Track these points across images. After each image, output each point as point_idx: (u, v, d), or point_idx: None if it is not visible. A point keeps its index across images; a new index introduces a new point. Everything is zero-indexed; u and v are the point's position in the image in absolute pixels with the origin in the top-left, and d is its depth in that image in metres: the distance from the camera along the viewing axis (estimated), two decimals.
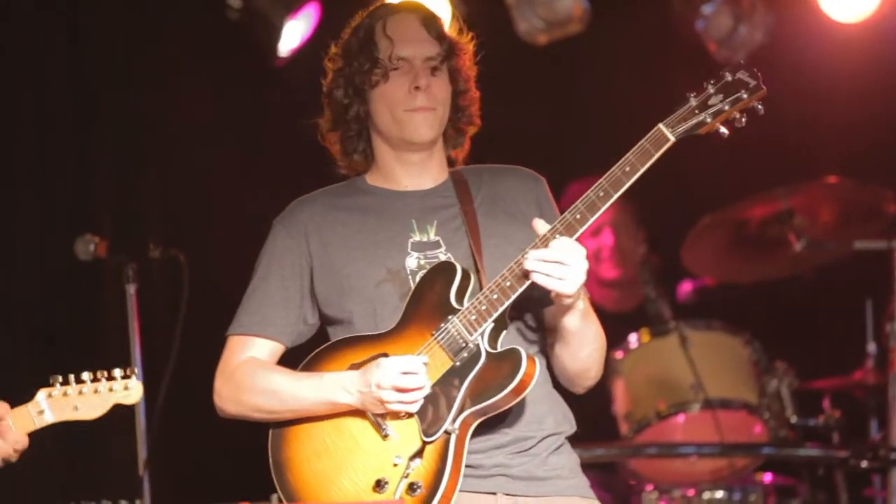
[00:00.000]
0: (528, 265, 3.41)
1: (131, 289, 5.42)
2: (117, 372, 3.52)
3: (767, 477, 6.58)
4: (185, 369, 5.20)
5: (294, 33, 6.45)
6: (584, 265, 3.40)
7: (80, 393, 3.50)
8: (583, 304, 3.51)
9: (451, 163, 3.84)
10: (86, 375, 3.51)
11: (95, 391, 3.50)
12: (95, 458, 6.20)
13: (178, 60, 6.59)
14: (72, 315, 6.36)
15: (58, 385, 3.49)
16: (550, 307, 3.58)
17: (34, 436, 3.60)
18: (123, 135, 6.60)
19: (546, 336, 3.68)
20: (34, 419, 3.50)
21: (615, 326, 6.78)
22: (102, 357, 5.54)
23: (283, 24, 6.49)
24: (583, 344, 3.58)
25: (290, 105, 6.22)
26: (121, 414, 5.43)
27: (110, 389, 3.51)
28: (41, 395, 3.50)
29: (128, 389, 3.52)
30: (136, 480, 5.22)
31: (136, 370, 3.58)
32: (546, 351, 3.68)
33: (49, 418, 3.50)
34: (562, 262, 3.38)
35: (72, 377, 3.51)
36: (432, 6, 3.95)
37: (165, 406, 5.31)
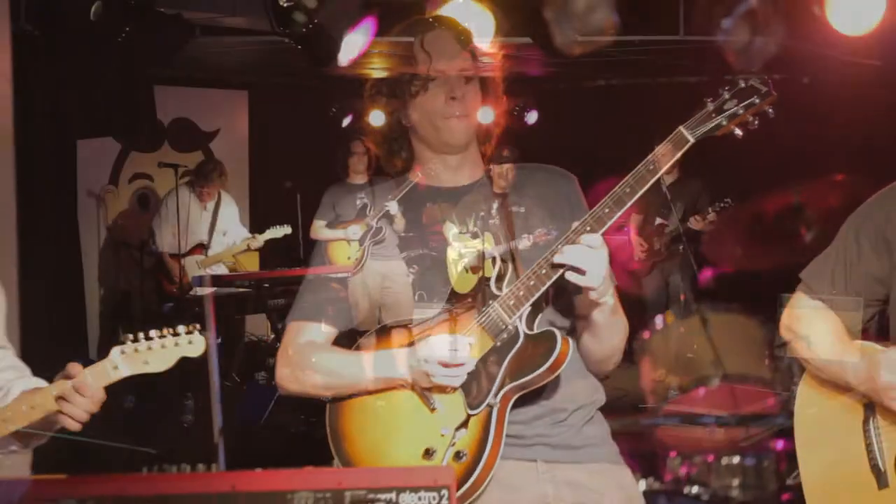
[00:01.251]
0: (556, 258, 3.47)
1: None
2: (181, 328, 3.59)
3: (779, 444, 6.61)
4: (254, 350, 5.29)
5: (353, 46, 6.46)
6: (604, 263, 3.45)
7: (150, 348, 3.57)
8: (612, 301, 3.57)
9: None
10: (153, 332, 3.58)
11: (163, 346, 3.58)
12: (177, 428, 6.38)
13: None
14: (154, 302, 6.48)
15: (129, 342, 3.57)
16: (581, 296, 3.59)
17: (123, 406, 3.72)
18: None
19: (577, 320, 3.72)
20: (109, 373, 3.57)
21: (643, 309, 6.89)
22: None
23: (343, 36, 6.49)
24: (611, 336, 3.67)
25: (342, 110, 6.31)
26: (198, 391, 5.57)
27: (176, 344, 3.58)
28: (115, 351, 3.59)
29: (192, 343, 3.60)
30: (212, 446, 5.35)
31: (198, 326, 3.62)
32: (576, 333, 3.73)
33: (124, 372, 3.58)
34: (585, 258, 3.42)
35: (141, 335, 3.58)
36: (472, 20, 3.99)
37: (237, 382, 5.40)
